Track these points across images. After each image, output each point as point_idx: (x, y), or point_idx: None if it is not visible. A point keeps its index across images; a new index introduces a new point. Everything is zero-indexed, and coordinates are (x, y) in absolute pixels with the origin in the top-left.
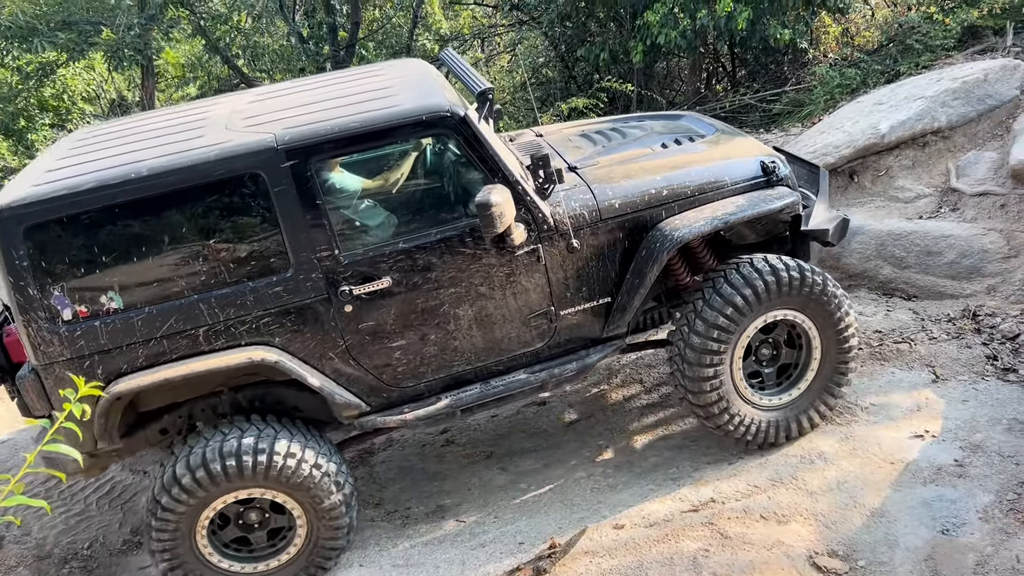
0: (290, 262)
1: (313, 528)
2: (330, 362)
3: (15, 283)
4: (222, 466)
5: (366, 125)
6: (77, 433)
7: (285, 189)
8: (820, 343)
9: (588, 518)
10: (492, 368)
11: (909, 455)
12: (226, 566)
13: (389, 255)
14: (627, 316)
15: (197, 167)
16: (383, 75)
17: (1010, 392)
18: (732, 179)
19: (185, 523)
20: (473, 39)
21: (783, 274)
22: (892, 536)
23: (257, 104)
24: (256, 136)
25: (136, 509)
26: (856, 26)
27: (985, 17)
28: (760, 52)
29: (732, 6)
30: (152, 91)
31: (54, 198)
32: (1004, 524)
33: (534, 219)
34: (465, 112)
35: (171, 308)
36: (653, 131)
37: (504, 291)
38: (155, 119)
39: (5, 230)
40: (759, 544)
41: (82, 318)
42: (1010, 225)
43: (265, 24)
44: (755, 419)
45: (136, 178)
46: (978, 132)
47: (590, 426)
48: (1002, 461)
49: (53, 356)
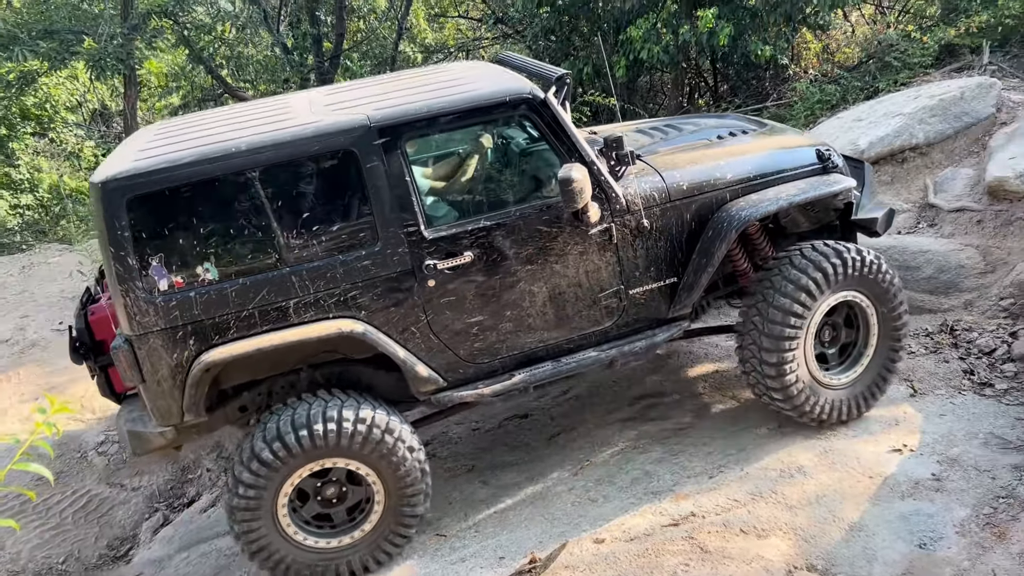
0: (378, 236)
1: (391, 496)
2: (412, 336)
3: (116, 253)
4: (296, 437)
5: (453, 105)
6: (168, 403)
7: (376, 166)
8: (877, 322)
9: (569, 532)
10: (563, 346)
11: (887, 469)
12: (312, 542)
13: (471, 232)
14: (693, 296)
15: (294, 142)
16: (450, 72)
17: (986, 406)
18: (791, 165)
19: (267, 499)
20: (458, 51)
21: (847, 256)
22: (870, 550)
23: (333, 96)
24: (348, 116)
25: (113, 523)
26: (836, 43)
27: (962, 36)
28: (741, 68)
29: (714, 22)
30: (135, 101)
31: (157, 170)
32: (981, 538)
33: (607, 198)
34: (545, 94)
35: (264, 280)
36: (706, 127)
37: (577, 269)
38: (231, 113)
39: (109, 201)
40: (739, 558)
41: (178, 289)
42: (986, 241)
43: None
44: (827, 399)
45: (236, 152)
46: (955, 149)
47: (572, 439)
48: (978, 475)
49: (148, 326)
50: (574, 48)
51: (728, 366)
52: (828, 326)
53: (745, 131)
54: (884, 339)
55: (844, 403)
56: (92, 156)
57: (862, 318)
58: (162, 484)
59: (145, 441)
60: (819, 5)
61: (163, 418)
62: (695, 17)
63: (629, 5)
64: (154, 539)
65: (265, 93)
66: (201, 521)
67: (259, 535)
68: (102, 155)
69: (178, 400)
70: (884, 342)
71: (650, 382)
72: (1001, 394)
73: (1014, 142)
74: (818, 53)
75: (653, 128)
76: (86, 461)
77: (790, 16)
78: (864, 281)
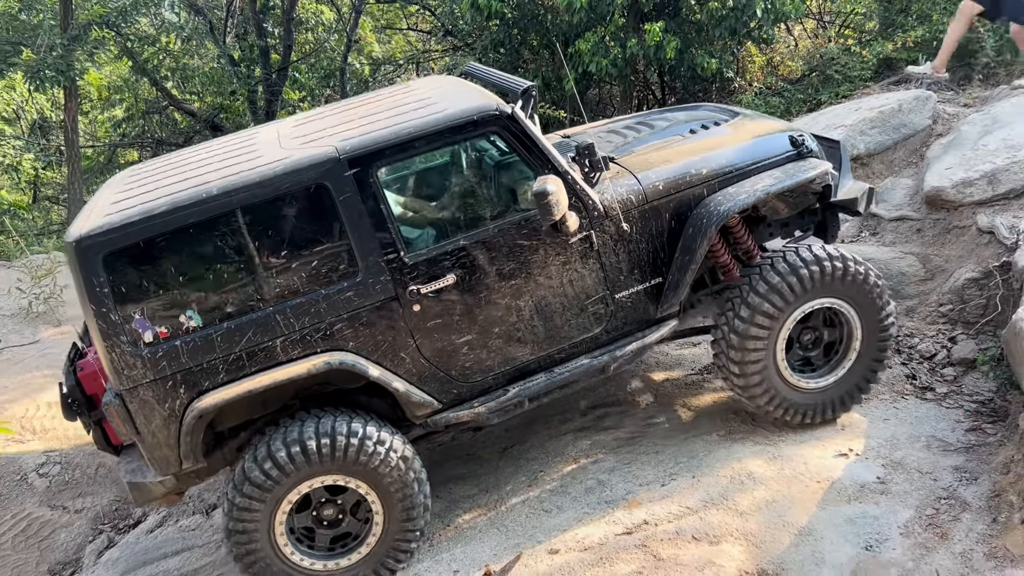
0: (359, 267)
1: (389, 513)
2: (402, 362)
3: (97, 310)
4: (288, 454)
5: (421, 129)
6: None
7: (350, 197)
8: (861, 331)
9: (523, 544)
10: (555, 356)
11: (834, 473)
12: (308, 564)
13: (451, 252)
14: (679, 294)
15: (265, 182)
16: (416, 91)
17: (928, 410)
18: (765, 155)
19: (262, 521)
20: (407, 64)
21: (827, 264)
22: (819, 553)
23: (301, 127)
24: (317, 149)
25: (55, 546)
26: (780, 56)
27: (899, 50)
28: (688, 81)
29: (661, 36)
30: (75, 112)
31: (130, 223)
32: (924, 539)
33: (584, 206)
34: (512, 109)
35: (248, 322)
36: (678, 121)
37: (561, 279)
38: (200, 152)
39: (85, 259)
40: (691, 565)
41: (163, 339)
42: (925, 249)
43: (195, 46)
44: (793, 400)
45: (207, 197)
46: (895, 159)
47: (525, 451)
48: (921, 477)
49: (137, 379)
50: (523, 61)
51: (679, 374)
52: (809, 330)
53: (718, 122)
54: (867, 349)
55: (811, 408)
56: (31, 169)
57: (846, 326)
58: (106, 505)
59: (146, 491)
60: (763, 19)
61: (161, 468)
62: (642, 31)
63: (577, 19)
64: (98, 562)
65: (212, 105)
66: (148, 542)
67: (257, 558)
68: (42, 168)
69: (175, 449)
70: (867, 352)
71: (603, 392)
72: (942, 398)
73: (950, 153)
74: (762, 66)
75: (626, 127)
76: (26, 483)
77: (735, 30)
78: (848, 289)
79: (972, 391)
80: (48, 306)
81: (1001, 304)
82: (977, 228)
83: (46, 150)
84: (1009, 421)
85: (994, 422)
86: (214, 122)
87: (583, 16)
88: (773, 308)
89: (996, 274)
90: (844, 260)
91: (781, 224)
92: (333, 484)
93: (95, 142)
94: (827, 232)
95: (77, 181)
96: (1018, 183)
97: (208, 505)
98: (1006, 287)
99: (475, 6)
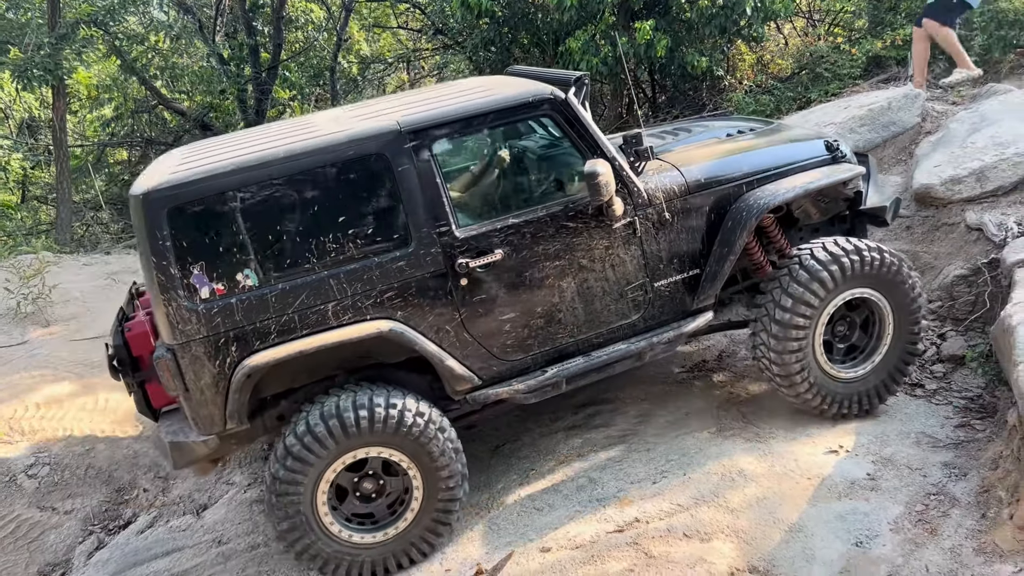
0: (411, 237)
1: (428, 483)
2: (446, 335)
3: (158, 263)
4: (326, 428)
5: (479, 107)
6: (211, 411)
7: (407, 168)
8: (893, 321)
9: (515, 542)
10: (592, 340)
11: (824, 470)
12: (352, 537)
13: (500, 230)
14: (716, 285)
15: (329, 148)
16: (471, 84)
17: (917, 407)
18: (802, 157)
19: (306, 492)
20: (398, 62)
21: (865, 253)
22: (809, 550)
23: (360, 110)
24: (379, 122)
25: (44, 548)
26: (770, 54)
27: (888, 48)
28: (679, 79)
29: (651, 34)
30: (64, 111)
31: (196, 180)
32: (913, 535)
33: (630, 193)
34: (566, 95)
35: (302, 284)
36: (713, 127)
37: (603, 263)
38: (257, 132)
39: (150, 212)
40: (682, 563)
41: (219, 296)
42: (915, 246)
43: (184, 45)
44: (832, 390)
45: (273, 159)
46: (884, 157)
47: (517, 448)
48: (911, 473)
49: (190, 334)
50: (514, 60)
51: (669, 372)
52: (843, 320)
53: (753, 129)
54: (898, 339)
55: (849, 397)
56: (19, 169)
57: (878, 316)
58: (96, 506)
59: (188, 451)
60: (752, 18)
61: (206, 427)
62: (633, 29)
63: (568, 17)
64: (88, 564)
65: (202, 104)
66: (138, 543)
67: (300, 533)
68: (30, 168)
69: (221, 407)
70: (898, 342)
71: (594, 390)
72: (931, 394)
73: (938, 150)
74: (752, 64)
75: (663, 132)
76: (15, 484)
77: (725, 28)
78: (883, 279)
79: (961, 387)
80: (36, 307)
81: (990, 301)
82: (966, 225)
83: (34, 149)
84: (998, 417)
85: (983, 418)
86: (204, 121)
87: (573, 14)
88: (815, 297)
89: (984, 271)
90: (880, 251)
91: (812, 230)
92: (378, 457)
93: (84, 141)
94: None
95: (65, 181)
96: (1006, 180)
97: (198, 505)
98: (994, 284)
99: (465, 4)
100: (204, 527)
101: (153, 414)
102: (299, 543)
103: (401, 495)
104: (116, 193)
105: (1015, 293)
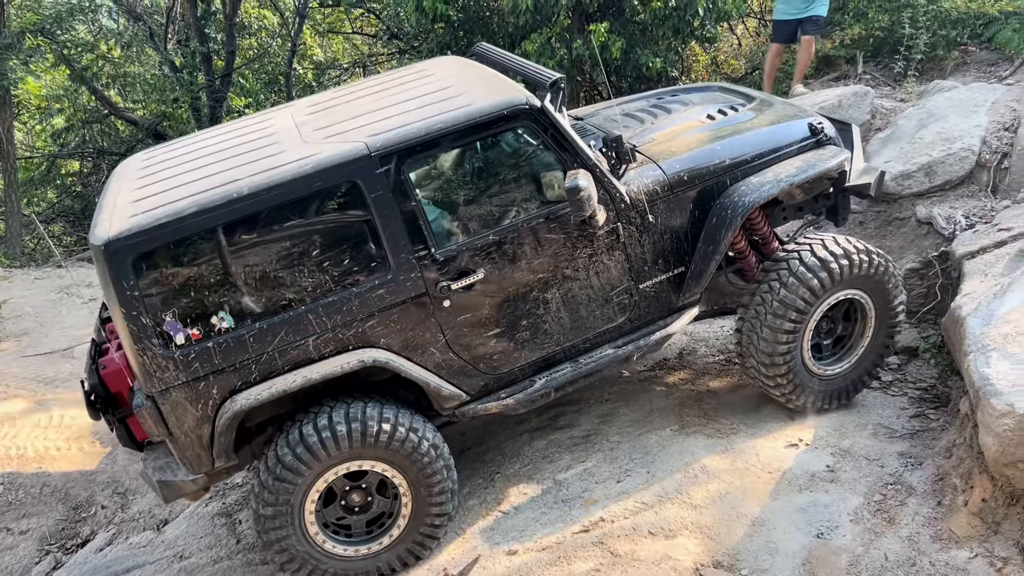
0: (390, 263)
1: (417, 497)
2: (432, 356)
3: (128, 313)
4: (319, 440)
5: (452, 124)
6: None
7: (381, 194)
8: (875, 318)
9: (481, 546)
10: (580, 346)
11: (785, 464)
12: (338, 550)
13: (481, 248)
14: (702, 282)
15: (296, 180)
16: (433, 76)
17: (874, 398)
18: (786, 142)
19: (294, 505)
20: (353, 67)
21: (855, 257)
22: (772, 543)
23: (319, 115)
24: (346, 145)
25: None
26: (724, 55)
27: (837, 47)
28: (634, 80)
29: (606, 36)
30: (11, 123)
31: (158, 225)
32: (872, 524)
33: (612, 198)
34: (542, 102)
35: (280, 321)
36: (693, 103)
37: (587, 272)
38: (216, 138)
39: (114, 262)
40: (648, 560)
41: (195, 341)
42: (868, 241)
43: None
44: (815, 387)
45: (238, 197)
46: None
47: (482, 452)
48: (868, 464)
49: (169, 381)
50: None
51: (632, 370)
52: (826, 318)
53: (735, 107)
54: (878, 335)
55: (829, 393)
56: None
57: (860, 315)
58: (53, 525)
59: (177, 489)
60: (705, 18)
61: (194, 467)
62: (587, 32)
63: (523, 21)
64: None
65: (155, 113)
66: (97, 561)
67: (287, 545)
68: None
69: (208, 449)
70: (877, 338)
71: None
72: (887, 386)
73: (888, 147)
74: (706, 65)
75: (641, 110)
76: None
77: (678, 29)
78: (869, 281)
79: (915, 378)
80: None
81: (940, 293)
82: (916, 219)
83: None
84: (951, 406)
85: (937, 408)
86: (156, 130)
87: (529, 18)
88: (804, 303)
89: (935, 264)
90: (869, 253)
91: (795, 208)
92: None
93: (33, 153)
94: (838, 215)
95: (14, 193)
96: (953, 174)
97: (159, 520)
98: (945, 276)
99: (420, 9)
100: (165, 542)
101: (137, 446)
102: (284, 554)
103: (384, 519)
104: (68, 206)
105: (964, 285)
